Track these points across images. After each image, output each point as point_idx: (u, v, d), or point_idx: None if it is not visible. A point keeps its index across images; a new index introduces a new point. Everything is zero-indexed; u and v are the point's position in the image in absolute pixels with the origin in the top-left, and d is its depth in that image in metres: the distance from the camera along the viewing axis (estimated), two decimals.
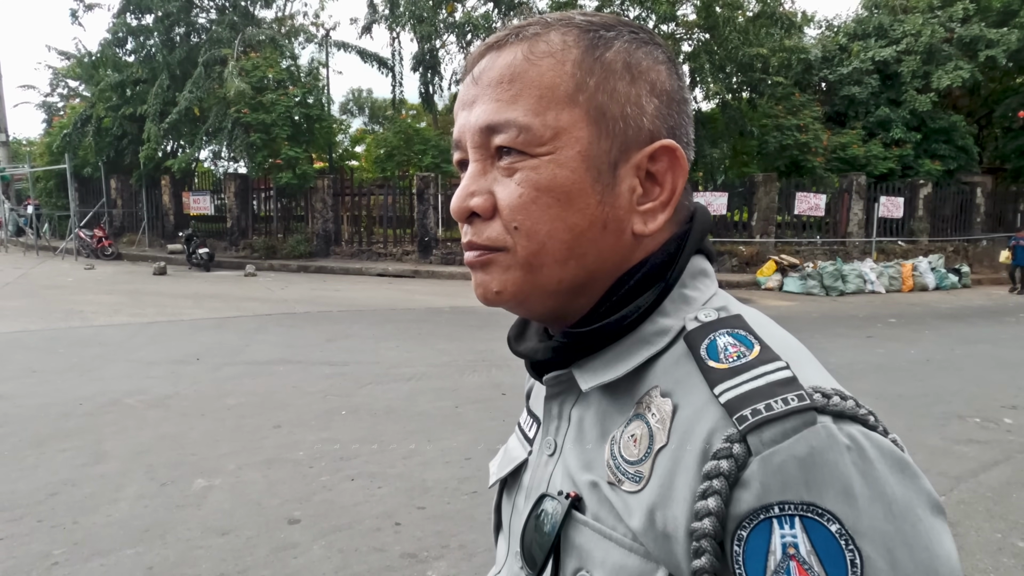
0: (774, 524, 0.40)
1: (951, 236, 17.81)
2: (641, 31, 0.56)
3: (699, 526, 0.42)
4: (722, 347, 0.48)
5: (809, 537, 0.40)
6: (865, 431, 0.43)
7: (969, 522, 3.39)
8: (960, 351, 7.81)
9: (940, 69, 16.53)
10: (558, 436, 0.58)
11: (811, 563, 0.39)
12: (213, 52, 16.93)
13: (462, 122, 0.55)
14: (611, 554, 0.49)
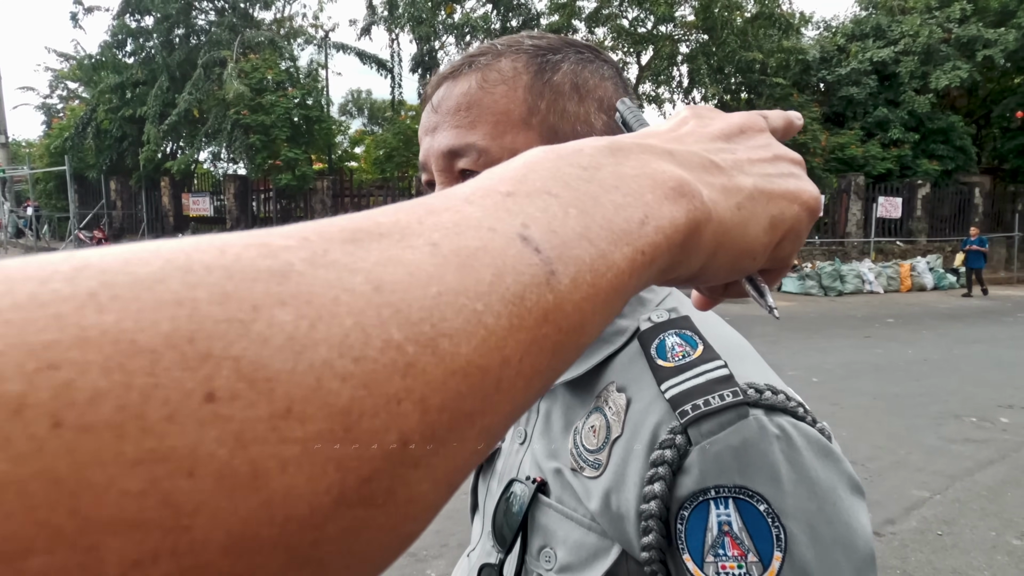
0: (711, 505, 0.46)
1: (949, 236, 17.84)
2: (587, 50, 0.59)
3: (647, 508, 0.48)
4: (670, 347, 0.53)
5: (741, 516, 0.45)
6: (794, 422, 0.49)
7: (964, 520, 3.42)
8: (957, 351, 7.84)
9: (938, 69, 16.58)
10: (528, 427, 0.64)
11: (742, 538, 0.45)
12: (212, 54, 16.96)
13: (426, 147, 0.57)
14: (572, 533, 0.54)
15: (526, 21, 18.84)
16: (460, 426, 0.15)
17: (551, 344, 0.17)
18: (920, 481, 3.92)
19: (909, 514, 3.49)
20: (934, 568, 2.97)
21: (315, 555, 0.13)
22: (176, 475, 0.11)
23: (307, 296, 0.13)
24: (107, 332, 0.11)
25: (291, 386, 0.12)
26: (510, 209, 0.18)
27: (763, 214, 0.27)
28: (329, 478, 0.13)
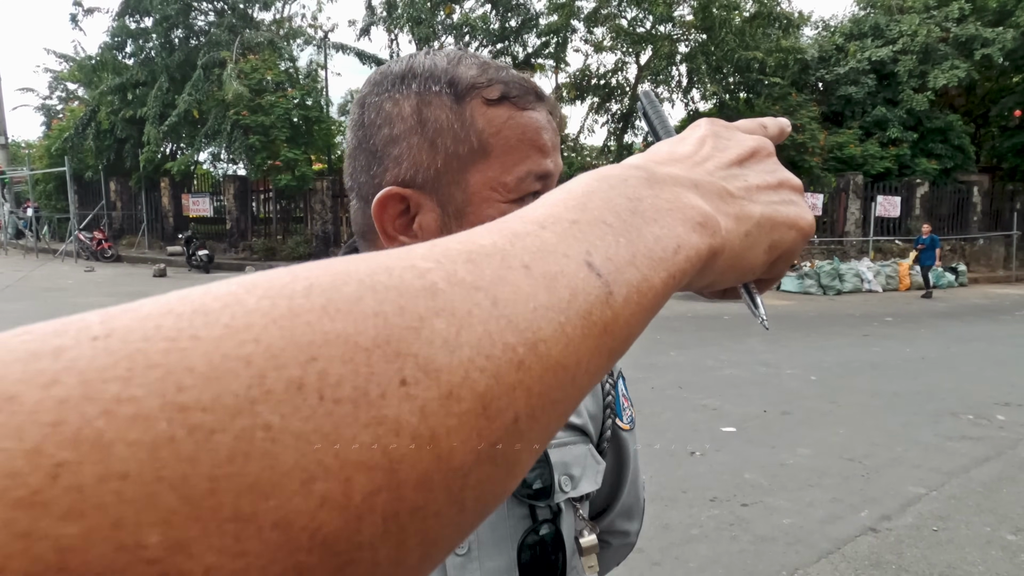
0: (620, 382, 0.83)
1: (948, 235, 17.87)
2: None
3: (608, 399, 0.80)
4: None
5: (624, 385, 0.85)
6: None
7: (959, 516, 3.45)
8: (955, 349, 7.87)
9: (936, 68, 16.61)
10: None
11: (629, 397, 0.86)
12: (212, 55, 16.98)
13: (554, 164, 0.61)
14: (575, 451, 0.75)
15: (525, 21, 18.86)
16: (549, 409, 0.20)
17: (607, 350, 0.22)
18: (916, 478, 3.95)
19: (905, 510, 3.52)
20: (929, 563, 3.00)
21: (461, 496, 0.17)
22: (389, 435, 0.15)
23: (451, 309, 0.18)
24: (340, 335, 0.15)
25: (451, 375, 0.17)
26: (576, 236, 0.23)
27: (765, 239, 0.31)
28: (474, 442, 0.17)
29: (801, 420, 5.05)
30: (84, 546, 0.11)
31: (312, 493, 0.14)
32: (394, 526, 0.15)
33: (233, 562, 0.12)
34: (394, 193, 0.58)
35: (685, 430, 4.77)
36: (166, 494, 0.12)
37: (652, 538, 3.20)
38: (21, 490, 0.11)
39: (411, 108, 0.58)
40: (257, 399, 0.14)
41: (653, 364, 6.88)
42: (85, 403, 0.12)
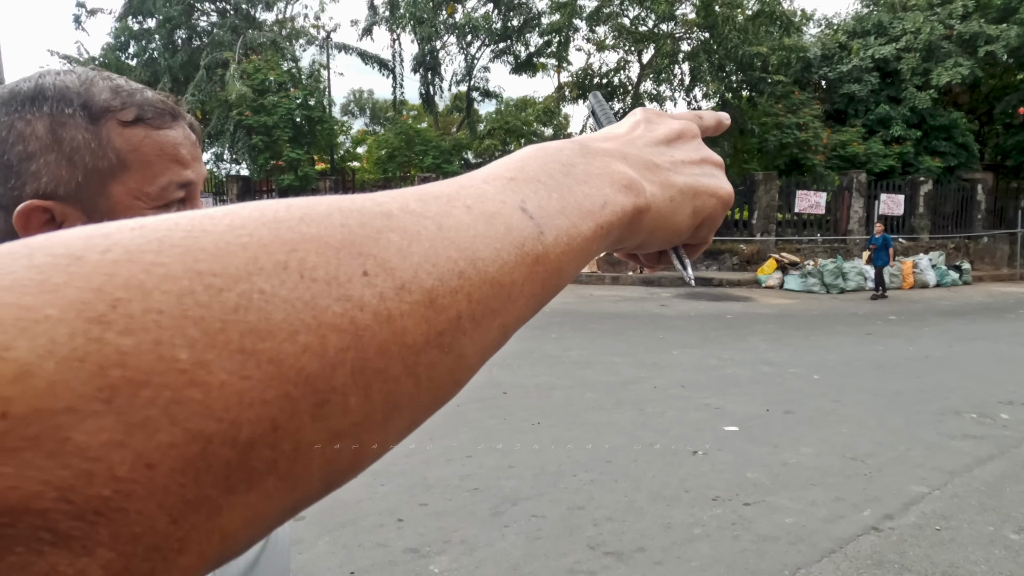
0: None
1: (952, 233, 17.83)
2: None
3: None
4: None
5: None
6: None
7: (962, 515, 3.45)
8: (959, 348, 7.85)
9: (940, 66, 16.56)
10: None
11: None
12: (214, 55, 17.02)
13: (199, 172, 0.71)
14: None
15: (527, 20, 18.86)
16: (488, 316, 0.24)
17: (540, 278, 0.26)
18: (919, 477, 3.94)
19: (908, 509, 3.52)
20: (931, 562, 2.99)
21: (415, 371, 0.21)
22: (354, 309, 0.19)
23: (403, 227, 0.22)
24: (314, 237, 0.20)
25: (403, 273, 0.21)
26: (513, 189, 0.27)
27: (688, 205, 0.36)
28: (423, 326, 0.21)
29: (804, 419, 5.04)
30: (136, 352, 0.15)
31: (296, 341, 0.18)
32: (360, 379, 0.19)
33: (240, 382, 0.16)
34: (36, 205, 0.64)
35: (687, 429, 4.77)
36: (190, 327, 0.16)
37: (654, 537, 3.21)
38: (91, 312, 0.15)
39: (44, 128, 0.64)
40: (253, 272, 0.18)
41: (656, 363, 6.87)
42: (130, 264, 0.16)
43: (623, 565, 2.97)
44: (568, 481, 3.86)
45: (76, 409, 0.14)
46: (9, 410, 0.14)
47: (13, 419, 0.14)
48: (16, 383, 0.14)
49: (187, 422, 0.16)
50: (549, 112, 19.84)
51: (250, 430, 0.17)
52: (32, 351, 0.14)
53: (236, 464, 0.17)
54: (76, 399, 0.14)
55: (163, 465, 0.15)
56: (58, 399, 0.14)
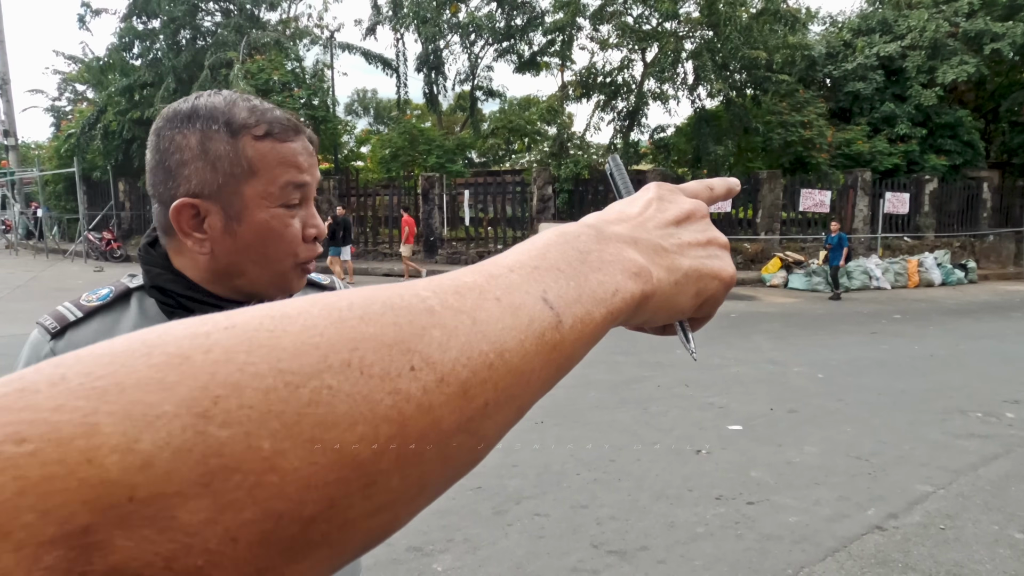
0: None
1: (957, 232, 17.75)
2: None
3: None
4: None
5: None
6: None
7: (967, 514, 3.44)
8: (964, 346, 7.82)
9: (945, 64, 16.48)
10: None
11: None
12: (218, 55, 17.05)
13: (315, 176, 0.86)
14: None
15: (530, 19, 18.85)
16: (509, 401, 0.26)
17: (556, 364, 0.29)
18: (924, 476, 3.93)
19: (912, 508, 3.51)
20: (936, 562, 2.99)
21: (446, 453, 0.24)
22: (402, 401, 0.22)
23: (443, 324, 0.25)
24: (371, 336, 0.23)
25: (443, 367, 0.23)
26: (536, 279, 0.30)
27: (692, 287, 0.38)
28: (456, 415, 0.24)
29: (808, 418, 5.03)
30: (231, 443, 0.18)
31: (355, 431, 0.20)
32: (401, 463, 0.22)
33: (308, 467, 0.19)
34: (187, 203, 0.80)
35: (691, 428, 4.77)
36: (273, 420, 0.19)
37: (657, 536, 3.21)
38: (198, 407, 0.18)
39: (196, 141, 0.79)
40: (323, 370, 0.21)
41: (659, 362, 6.86)
42: (227, 363, 0.19)
43: (626, 564, 2.96)
44: (571, 480, 3.86)
45: (183, 493, 0.17)
46: (135, 495, 0.17)
47: (138, 502, 0.17)
48: (142, 471, 0.17)
49: (265, 503, 0.19)
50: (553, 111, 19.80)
51: (312, 508, 0.20)
52: (154, 443, 0.17)
53: (298, 537, 0.20)
54: (184, 484, 0.17)
55: (244, 539, 0.18)
56: (171, 484, 0.17)
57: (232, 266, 0.82)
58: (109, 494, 0.17)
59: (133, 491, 0.17)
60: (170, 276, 0.85)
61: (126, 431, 0.17)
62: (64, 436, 0.17)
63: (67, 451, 0.17)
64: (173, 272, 0.85)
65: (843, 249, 12.24)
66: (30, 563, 0.15)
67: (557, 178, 16.67)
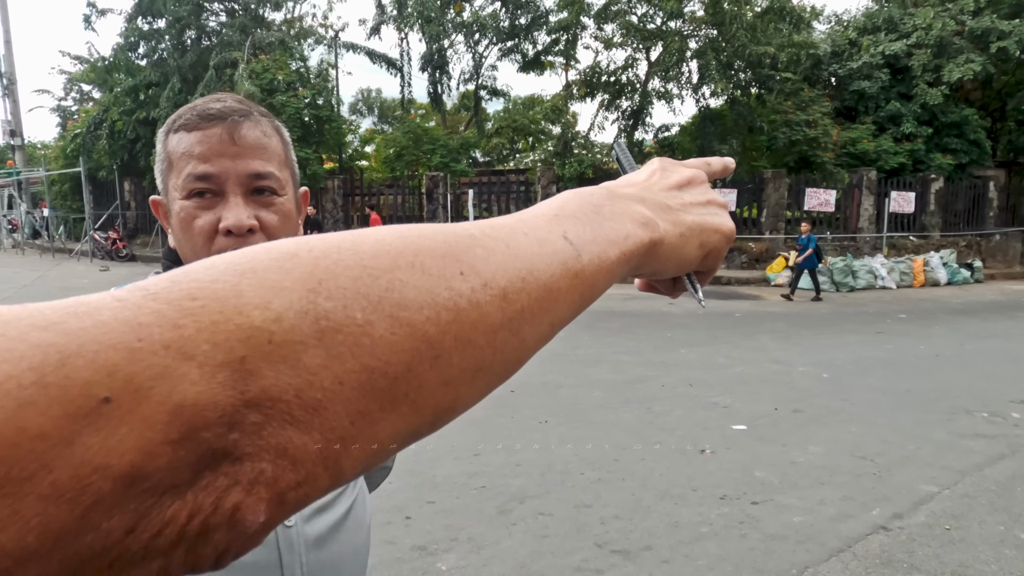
0: None
1: (963, 231, 17.67)
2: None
3: None
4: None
5: None
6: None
7: (972, 515, 3.42)
8: (970, 346, 7.79)
9: (951, 62, 16.40)
10: None
11: None
12: (224, 55, 17.09)
13: (225, 167, 0.80)
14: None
15: (535, 18, 18.83)
16: (542, 313, 0.31)
17: (578, 290, 0.33)
18: (929, 476, 3.92)
19: (917, 509, 3.50)
20: (941, 562, 2.98)
21: (494, 345, 0.28)
22: (455, 296, 0.27)
23: (484, 245, 0.30)
24: (428, 248, 0.28)
25: (485, 275, 0.29)
26: (558, 223, 0.35)
27: (696, 239, 0.43)
28: (499, 313, 0.29)
29: (812, 418, 5.02)
30: (334, 311, 0.24)
31: (423, 313, 0.26)
32: (459, 345, 0.27)
33: (390, 336, 0.25)
34: (154, 199, 0.89)
35: (695, 428, 4.76)
36: (362, 299, 0.25)
37: (661, 536, 3.21)
38: (308, 285, 0.24)
39: (160, 144, 0.84)
40: (395, 267, 0.26)
41: (663, 361, 6.86)
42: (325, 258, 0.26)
43: (630, 563, 2.97)
44: (575, 479, 3.86)
45: (304, 343, 0.23)
46: (272, 339, 0.22)
47: (275, 344, 0.22)
48: (275, 323, 0.23)
49: (362, 358, 0.24)
50: (557, 110, 19.78)
51: (395, 369, 0.25)
52: (281, 305, 0.23)
53: (386, 390, 0.25)
54: (304, 336, 0.23)
55: (348, 383, 0.24)
56: (295, 335, 0.23)
57: (186, 260, 0.82)
58: (255, 336, 0.22)
59: (271, 336, 0.22)
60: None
61: (263, 296, 0.23)
62: (221, 296, 0.22)
63: (224, 306, 0.22)
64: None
65: (808, 249, 11.89)
66: (209, 377, 0.21)
67: (561, 177, 16.66)
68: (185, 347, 0.21)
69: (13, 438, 0.17)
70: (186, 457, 0.20)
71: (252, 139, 0.82)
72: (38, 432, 0.17)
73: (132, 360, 0.20)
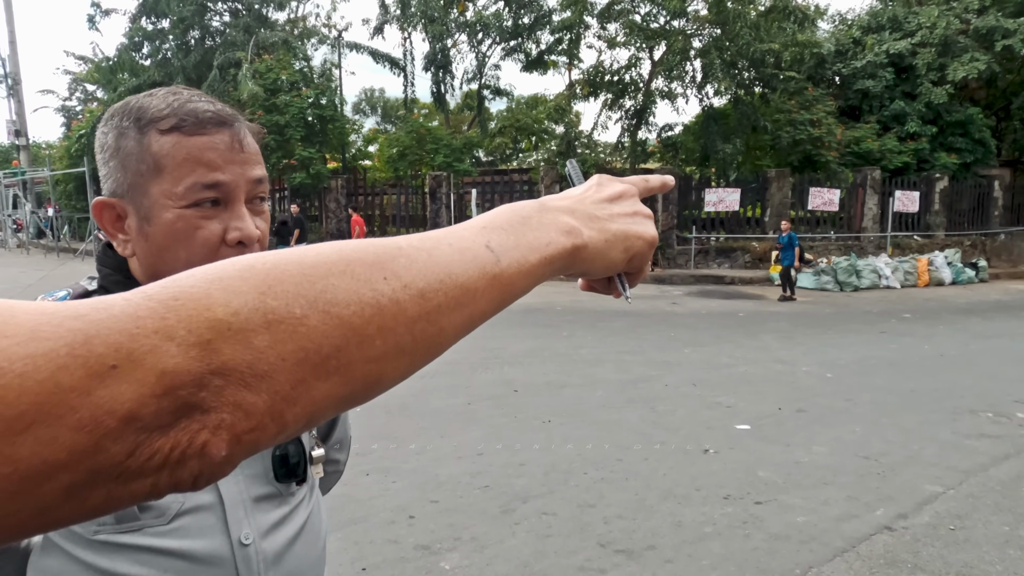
0: None
1: (968, 230, 17.61)
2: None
3: None
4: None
5: None
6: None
7: (977, 515, 3.41)
8: (975, 346, 7.77)
9: (956, 61, 16.34)
10: None
11: None
12: (227, 55, 17.13)
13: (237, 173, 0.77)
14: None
15: (538, 18, 18.82)
16: (459, 308, 0.37)
17: (497, 289, 0.39)
18: (933, 476, 3.91)
19: (921, 509, 3.49)
20: (945, 562, 2.97)
21: (412, 333, 0.35)
22: (378, 295, 0.34)
23: (407, 255, 0.36)
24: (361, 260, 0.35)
25: (406, 278, 0.35)
26: (483, 234, 0.40)
27: (620, 244, 0.48)
28: (417, 308, 0.35)
29: (816, 418, 5.01)
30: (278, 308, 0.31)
31: (350, 309, 0.32)
32: (381, 332, 0.33)
33: (323, 326, 0.31)
34: (104, 202, 0.79)
35: (699, 428, 4.76)
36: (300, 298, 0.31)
37: (665, 536, 3.20)
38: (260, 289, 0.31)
39: (113, 138, 0.77)
40: (329, 274, 0.33)
41: (667, 361, 6.85)
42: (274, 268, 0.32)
43: (633, 563, 2.96)
44: (578, 479, 3.86)
45: (255, 330, 0.30)
46: (231, 327, 0.29)
47: (233, 331, 0.29)
48: (234, 316, 0.29)
49: (299, 341, 0.30)
50: (560, 110, 19.76)
51: (327, 349, 0.31)
52: (239, 304, 0.30)
53: (320, 365, 0.31)
54: (255, 326, 0.30)
55: (288, 359, 0.30)
56: (248, 324, 0.29)
57: (152, 268, 0.78)
58: (219, 326, 0.29)
59: (230, 325, 0.29)
60: (118, 278, 0.82)
61: (226, 297, 0.30)
62: (195, 297, 0.29)
63: (198, 304, 0.29)
64: (124, 274, 0.82)
65: (794, 248, 11.91)
66: (184, 353, 0.27)
67: (564, 177, 16.65)
68: (168, 332, 0.28)
69: (52, 388, 0.25)
70: (168, 407, 0.27)
71: (252, 145, 0.80)
72: (69, 385, 0.25)
73: (132, 340, 0.27)
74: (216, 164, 0.76)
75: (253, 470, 0.85)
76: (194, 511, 0.80)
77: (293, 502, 0.89)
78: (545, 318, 9.07)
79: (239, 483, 0.84)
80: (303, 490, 0.92)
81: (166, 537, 0.79)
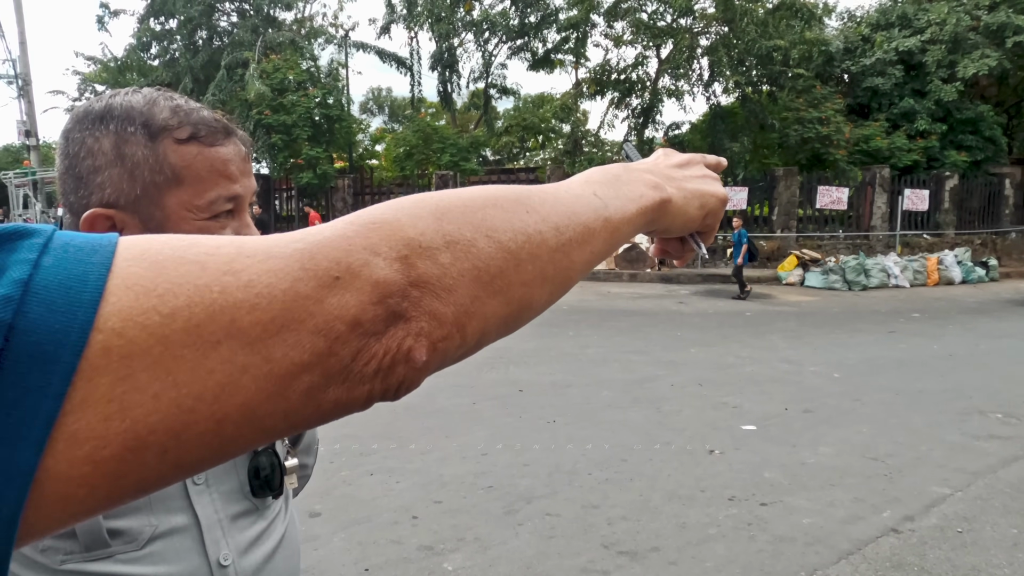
0: None
1: (978, 229, 17.46)
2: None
3: None
4: None
5: None
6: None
7: (985, 517, 3.38)
8: (985, 346, 7.69)
9: (966, 58, 16.20)
10: None
11: None
12: (235, 55, 17.20)
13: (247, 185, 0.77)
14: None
15: (544, 16, 18.78)
16: (584, 243, 0.42)
17: (608, 231, 0.44)
18: (941, 478, 3.87)
19: (929, 511, 3.46)
20: (953, 565, 2.94)
21: (553, 261, 0.40)
22: (525, 225, 0.39)
23: (539, 196, 0.41)
24: (505, 195, 0.40)
25: (543, 213, 0.40)
26: (587, 186, 0.46)
27: (697, 201, 0.54)
28: (554, 240, 0.40)
29: (823, 418, 4.98)
30: (453, 231, 0.35)
31: (505, 234, 0.37)
32: (530, 258, 0.38)
33: (487, 248, 0.36)
34: (99, 213, 0.72)
35: (704, 428, 4.73)
36: (465, 226, 0.36)
37: (669, 537, 3.19)
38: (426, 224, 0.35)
39: (110, 144, 0.71)
40: (485, 205, 0.38)
41: (673, 361, 6.83)
42: (431, 198, 0.37)
43: (637, 565, 2.95)
44: (583, 480, 3.85)
45: (439, 248, 0.34)
46: (421, 244, 0.33)
47: (423, 247, 0.33)
48: (421, 235, 0.34)
49: (472, 260, 0.35)
50: (567, 109, 19.73)
51: (493, 270, 0.35)
52: (424, 226, 0.35)
53: (489, 283, 0.35)
54: (439, 244, 0.34)
55: (466, 276, 0.34)
56: (434, 243, 0.34)
57: None
58: (411, 243, 0.33)
59: (420, 243, 0.33)
60: None
61: (412, 221, 0.34)
62: (389, 221, 0.34)
63: (393, 227, 0.34)
64: None
65: (742, 246, 11.60)
66: (389, 266, 0.32)
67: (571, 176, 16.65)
68: (374, 249, 0.32)
69: (294, 296, 0.29)
70: (381, 314, 0.31)
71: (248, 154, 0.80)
72: (306, 294, 0.29)
73: (348, 255, 0.31)
74: (235, 176, 0.76)
75: (228, 486, 0.83)
76: (168, 535, 0.77)
77: (270, 516, 0.88)
78: (551, 317, 9.06)
79: (214, 502, 0.81)
80: (279, 503, 0.91)
81: (139, 563, 0.74)
